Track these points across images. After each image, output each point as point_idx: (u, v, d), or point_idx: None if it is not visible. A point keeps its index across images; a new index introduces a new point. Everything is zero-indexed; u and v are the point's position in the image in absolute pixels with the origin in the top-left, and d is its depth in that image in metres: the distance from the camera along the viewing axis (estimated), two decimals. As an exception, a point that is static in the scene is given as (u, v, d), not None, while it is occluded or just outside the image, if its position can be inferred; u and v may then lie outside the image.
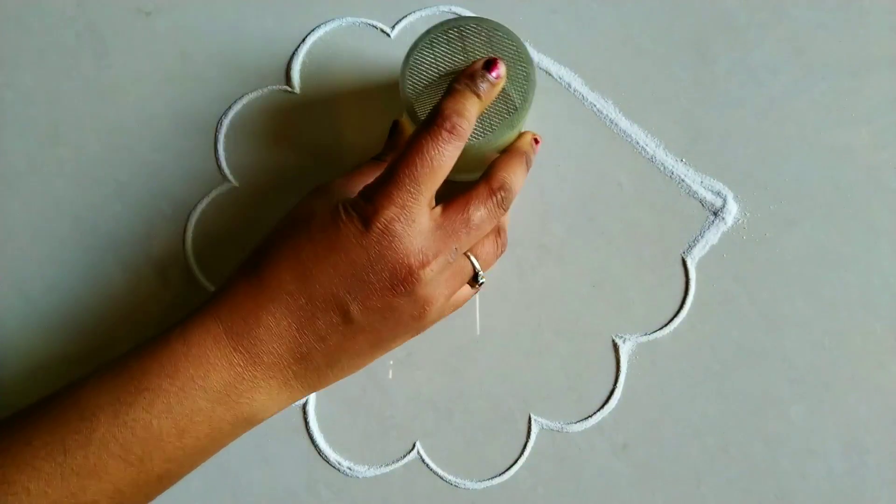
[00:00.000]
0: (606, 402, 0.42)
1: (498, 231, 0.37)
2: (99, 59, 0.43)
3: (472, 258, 0.35)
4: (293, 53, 0.43)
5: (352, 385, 0.42)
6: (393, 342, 0.35)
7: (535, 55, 0.44)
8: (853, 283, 0.42)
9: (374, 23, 0.44)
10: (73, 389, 0.33)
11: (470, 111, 0.33)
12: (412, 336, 0.36)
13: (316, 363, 0.34)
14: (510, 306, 0.42)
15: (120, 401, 0.32)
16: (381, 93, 0.43)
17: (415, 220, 0.33)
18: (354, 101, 0.43)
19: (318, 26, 0.44)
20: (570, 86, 0.43)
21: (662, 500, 0.41)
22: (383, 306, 0.33)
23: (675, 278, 0.42)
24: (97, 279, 0.42)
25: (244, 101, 0.43)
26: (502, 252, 0.37)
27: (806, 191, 0.43)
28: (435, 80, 0.37)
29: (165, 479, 0.34)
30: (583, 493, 0.41)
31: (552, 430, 0.42)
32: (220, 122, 0.43)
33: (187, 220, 0.43)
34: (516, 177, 0.36)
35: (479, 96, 0.34)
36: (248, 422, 0.34)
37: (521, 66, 0.37)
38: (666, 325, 0.42)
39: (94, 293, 0.42)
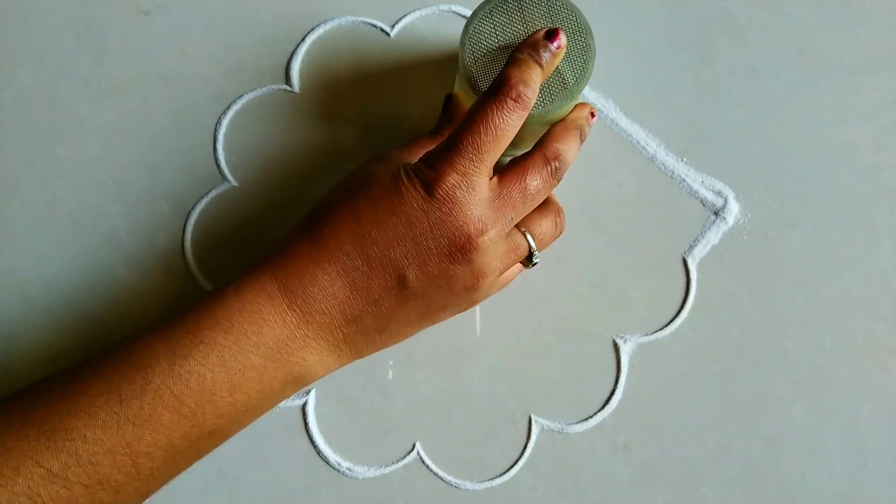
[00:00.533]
0: (607, 402, 0.42)
1: (557, 211, 0.37)
2: (98, 58, 0.43)
3: (529, 236, 0.35)
4: (293, 53, 0.43)
5: (351, 385, 0.42)
6: (443, 312, 0.35)
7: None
8: (854, 283, 0.42)
9: (374, 22, 0.44)
10: (127, 342, 0.34)
11: (535, 80, 0.33)
12: (462, 309, 0.36)
13: (366, 326, 0.34)
14: (510, 306, 0.42)
15: (175, 353, 0.32)
16: (381, 93, 0.43)
17: (475, 188, 0.33)
18: (354, 101, 0.43)
19: (318, 25, 0.44)
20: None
21: (663, 500, 0.41)
22: (439, 273, 0.33)
23: (676, 278, 0.42)
24: (96, 279, 0.42)
25: (243, 100, 0.43)
26: (560, 233, 0.37)
27: (807, 190, 0.43)
28: (494, 50, 0.36)
29: (216, 436, 0.34)
30: (583, 493, 0.41)
31: (553, 430, 0.42)
32: (219, 122, 0.43)
33: (186, 219, 0.43)
34: (571, 148, 0.36)
35: (541, 66, 0.34)
36: (298, 381, 0.35)
37: (581, 36, 0.36)
38: (667, 325, 0.42)
39: (94, 293, 0.42)
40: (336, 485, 0.41)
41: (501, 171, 0.35)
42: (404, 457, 0.42)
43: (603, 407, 0.42)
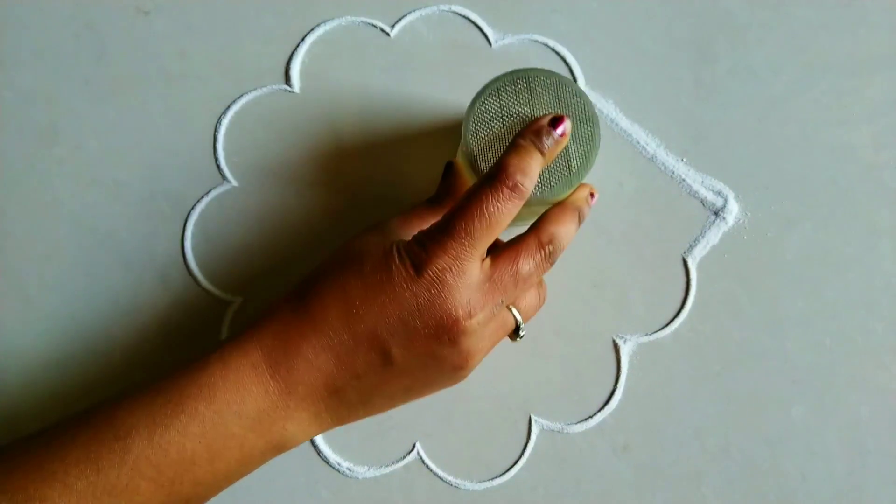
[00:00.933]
0: (607, 402, 0.42)
1: (540, 283, 0.37)
2: (98, 58, 0.43)
3: (515, 311, 0.35)
4: (293, 53, 0.43)
5: (352, 385, 0.42)
6: (428, 388, 0.35)
7: (535, 55, 0.44)
8: (854, 283, 0.42)
9: (374, 22, 0.44)
10: (108, 408, 0.33)
11: (533, 169, 0.33)
12: (448, 386, 0.36)
13: (349, 399, 0.34)
14: (510, 306, 0.42)
15: (156, 422, 0.32)
16: (381, 93, 0.43)
17: (466, 273, 0.32)
18: (354, 101, 0.43)
19: (318, 25, 0.44)
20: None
21: (663, 500, 0.41)
22: (426, 353, 0.33)
23: (676, 278, 0.42)
24: (96, 279, 0.42)
25: (243, 100, 0.43)
26: (542, 305, 0.37)
27: (807, 190, 0.43)
28: (498, 130, 0.36)
29: (193, 502, 0.34)
30: (583, 493, 0.41)
31: (553, 430, 0.42)
32: (219, 122, 0.43)
33: (186, 219, 0.42)
34: (567, 231, 0.35)
35: (542, 153, 0.34)
36: (278, 449, 0.34)
37: (587, 125, 0.36)
38: (667, 325, 0.42)
39: (94, 293, 0.42)
40: (336, 485, 0.41)
41: (495, 252, 0.34)
42: (404, 457, 0.42)
43: (603, 407, 0.42)
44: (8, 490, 0.31)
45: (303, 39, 0.43)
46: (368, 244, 0.34)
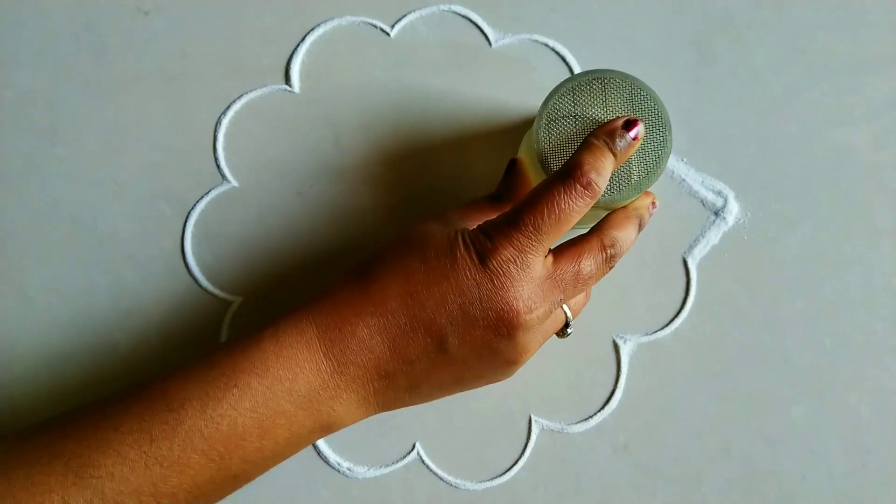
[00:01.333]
0: (607, 402, 0.42)
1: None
2: (98, 58, 0.43)
3: (567, 308, 0.35)
4: (293, 53, 0.43)
5: (352, 385, 0.42)
6: (477, 381, 0.35)
7: (534, 54, 0.44)
8: (854, 283, 0.42)
9: (374, 22, 0.44)
10: (161, 380, 0.33)
11: (606, 169, 0.33)
12: (497, 380, 0.36)
13: (397, 384, 0.34)
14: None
15: (208, 395, 0.32)
16: (381, 93, 0.43)
17: (530, 267, 0.32)
18: (354, 101, 0.43)
19: (318, 25, 0.44)
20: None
21: (663, 500, 0.41)
22: (482, 344, 0.33)
23: (676, 278, 0.42)
24: (96, 279, 0.42)
25: (243, 100, 0.43)
26: (586, 303, 0.37)
27: (807, 190, 0.43)
28: (570, 130, 0.36)
29: (240, 479, 0.34)
30: (583, 494, 0.41)
31: (553, 430, 0.42)
32: (219, 122, 0.43)
33: (186, 219, 0.42)
34: (628, 237, 0.35)
35: (615, 155, 0.34)
36: (324, 430, 0.34)
37: (660, 130, 0.36)
38: (667, 325, 0.42)
39: (94, 293, 0.42)
40: (336, 485, 0.41)
41: (556, 250, 0.34)
42: (404, 457, 0.42)
43: (603, 407, 0.42)
44: (63, 455, 0.31)
45: (303, 39, 0.43)
46: (432, 230, 0.34)
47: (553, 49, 0.44)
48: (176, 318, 0.42)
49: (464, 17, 0.44)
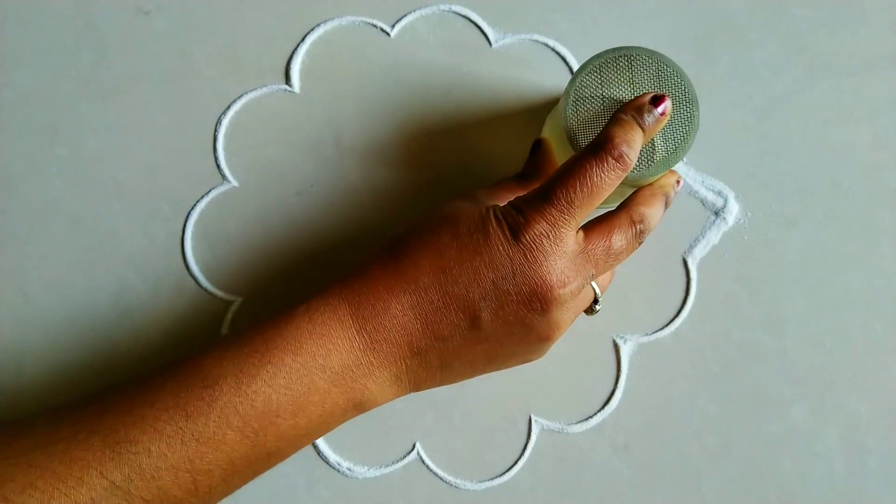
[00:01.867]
0: (607, 402, 0.42)
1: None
2: (98, 58, 0.43)
3: (595, 284, 0.35)
4: (293, 52, 0.43)
5: (352, 385, 0.42)
6: (510, 360, 0.35)
7: (534, 53, 0.44)
8: (854, 283, 0.42)
9: (374, 22, 0.44)
10: (194, 358, 0.33)
11: (637, 143, 0.33)
12: (529, 359, 0.36)
13: (429, 361, 0.34)
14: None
15: (243, 371, 0.32)
16: (381, 93, 0.43)
17: (562, 241, 0.32)
18: (354, 101, 0.43)
19: (318, 25, 0.44)
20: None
21: (663, 500, 0.41)
22: (515, 320, 0.33)
23: (676, 278, 0.42)
24: (96, 279, 0.42)
25: (244, 100, 0.43)
26: (611, 280, 0.37)
27: (807, 190, 0.43)
28: (597, 106, 0.36)
29: (274, 457, 0.34)
30: (583, 494, 0.41)
31: (553, 430, 0.42)
32: (219, 122, 0.43)
33: (186, 219, 0.42)
34: (656, 213, 0.35)
35: (643, 130, 0.34)
36: (357, 408, 0.34)
37: (686, 106, 0.36)
38: (667, 325, 0.42)
39: (94, 293, 0.42)
40: (336, 485, 0.41)
41: (587, 226, 0.34)
42: (404, 457, 0.42)
43: (603, 407, 0.42)
44: (100, 430, 0.31)
45: (303, 39, 0.43)
46: (463, 207, 0.34)
47: (553, 49, 0.44)
48: (176, 317, 0.42)
49: (464, 17, 0.44)
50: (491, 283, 0.32)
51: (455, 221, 0.34)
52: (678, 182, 0.38)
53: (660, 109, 0.34)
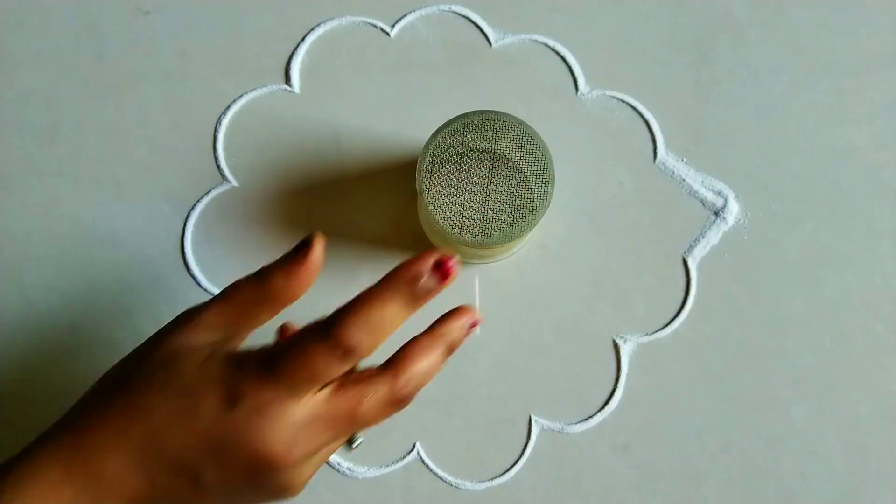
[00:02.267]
0: (607, 402, 0.42)
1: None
2: (98, 58, 0.43)
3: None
4: (293, 52, 0.43)
5: (352, 385, 0.42)
6: None
7: (534, 53, 0.44)
8: (854, 283, 0.42)
9: (374, 22, 0.44)
10: None
11: (384, 324, 0.29)
12: (283, 499, 0.32)
13: None
14: (510, 306, 0.42)
15: None
16: (381, 93, 0.43)
17: (287, 414, 0.29)
18: (354, 101, 0.43)
19: (318, 25, 0.44)
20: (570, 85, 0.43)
21: (663, 500, 0.41)
22: (243, 480, 0.30)
23: (676, 278, 0.42)
24: (96, 279, 0.42)
25: (243, 100, 0.43)
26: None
27: (807, 190, 0.43)
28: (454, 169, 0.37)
29: None
30: (583, 493, 0.41)
31: (553, 430, 0.42)
32: (219, 122, 0.43)
33: (186, 219, 0.42)
34: (428, 372, 0.30)
35: (411, 303, 0.29)
36: None
37: (542, 182, 0.37)
38: (667, 325, 0.42)
39: (94, 293, 0.42)
40: (336, 485, 0.41)
41: (339, 382, 0.29)
42: (404, 457, 0.42)
43: (603, 407, 0.42)
44: None
45: (303, 39, 0.43)
46: (180, 353, 0.31)
47: (553, 49, 0.44)
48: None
49: (464, 17, 0.44)
50: (208, 447, 0.29)
51: (168, 373, 0.30)
52: (474, 323, 0.31)
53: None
